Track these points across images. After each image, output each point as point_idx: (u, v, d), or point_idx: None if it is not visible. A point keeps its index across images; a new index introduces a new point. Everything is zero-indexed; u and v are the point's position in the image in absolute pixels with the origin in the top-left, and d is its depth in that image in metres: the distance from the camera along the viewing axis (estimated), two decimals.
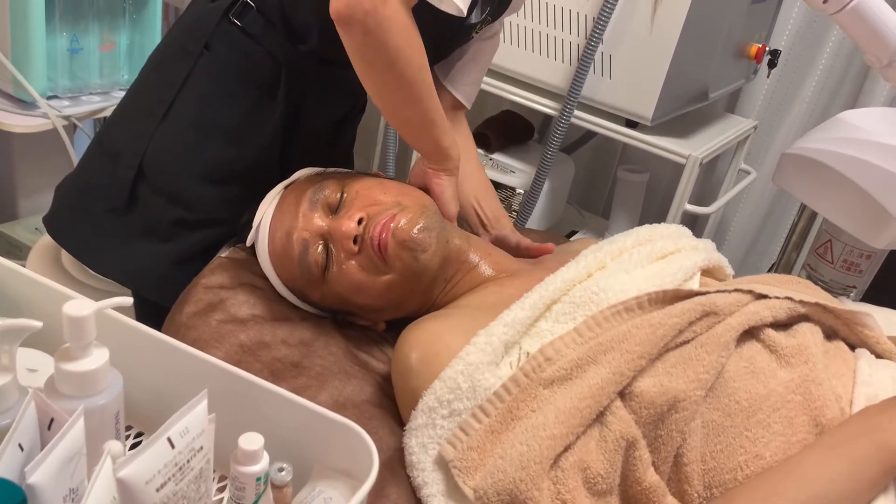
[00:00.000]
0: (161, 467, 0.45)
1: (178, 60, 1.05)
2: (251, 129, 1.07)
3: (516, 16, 1.56)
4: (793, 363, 0.82)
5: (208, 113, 1.05)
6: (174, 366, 0.64)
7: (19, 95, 1.44)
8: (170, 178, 1.05)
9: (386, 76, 0.91)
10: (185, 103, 1.05)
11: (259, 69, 1.05)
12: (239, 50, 1.05)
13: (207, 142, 1.05)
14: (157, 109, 1.04)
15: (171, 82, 1.05)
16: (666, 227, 1.03)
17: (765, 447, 0.77)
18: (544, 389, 0.80)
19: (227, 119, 1.06)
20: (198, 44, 1.05)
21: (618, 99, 1.53)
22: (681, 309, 0.82)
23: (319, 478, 0.62)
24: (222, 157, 1.06)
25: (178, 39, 1.08)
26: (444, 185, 1.03)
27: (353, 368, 0.96)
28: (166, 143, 1.04)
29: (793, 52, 1.82)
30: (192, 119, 1.05)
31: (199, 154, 1.05)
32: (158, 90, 1.06)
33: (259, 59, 1.05)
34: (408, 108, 0.96)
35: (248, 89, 1.06)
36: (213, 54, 1.05)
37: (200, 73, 1.05)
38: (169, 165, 1.05)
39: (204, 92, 1.05)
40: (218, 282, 1.03)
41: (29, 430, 0.46)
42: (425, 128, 0.99)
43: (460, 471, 0.78)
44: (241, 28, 1.04)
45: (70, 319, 0.51)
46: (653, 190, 1.92)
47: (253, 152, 1.08)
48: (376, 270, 0.93)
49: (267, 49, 1.05)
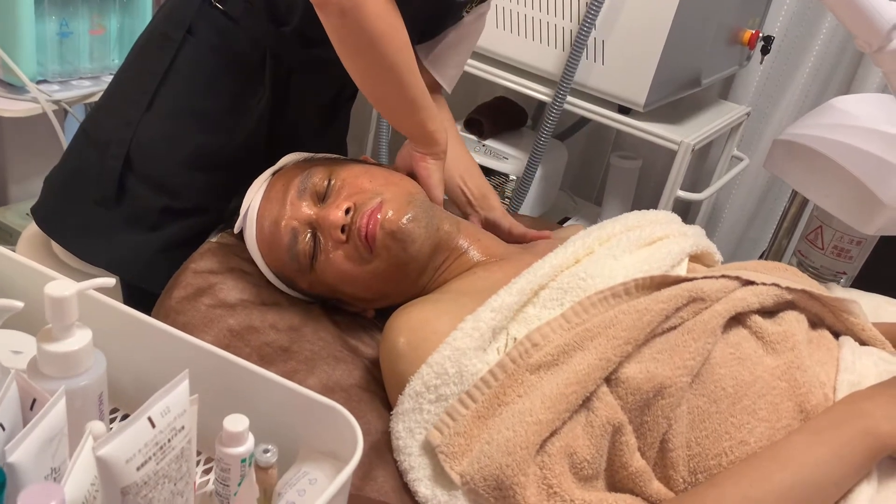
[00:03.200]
0: (141, 446, 0.45)
1: (161, 48, 1.05)
2: (237, 115, 1.07)
3: (509, 1, 1.56)
4: (778, 350, 0.82)
5: (193, 100, 1.05)
6: (159, 348, 0.64)
7: (8, 80, 1.43)
8: (157, 167, 1.05)
9: (366, 58, 0.91)
10: (170, 91, 1.04)
11: (242, 53, 1.05)
12: (221, 34, 1.04)
13: (193, 129, 1.05)
14: (141, 98, 1.04)
15: (154, 70, 1.04)
16: (655, 213, 1.03)
17: (749, 433, 0.78)
18: (531, 375, 0.80)
19: (212, 105, 1.05)
20: (179, 30, 1.04)
21: (610, 85, 1.52)
22: (668, 295, 0.82)
23: (305, 459, 0.62)
24: (208, 143, 1.06)
25: (160, 26, 1.07)
26: (430, 170, 1.03)
27: (343, 353, 0.96)
28: (152, 131, 1.04)
29: (786, 39, 1.82)
30: (176, 106, 1.04)
31: (185, 141, 1.05)
32: (142, 78, 1.05)
33: (242, 43, 1.04)
34: (391, 91, 0.95)
35: (232, 74, 1.05)
36: (195, 40, 1.04)
37: (183, 59, 1.04)
38: (155, 154, 1.04)
39: (188, 78, 1.04)
40: (207, 266, 1.03)
41: (10, 410, 0.46)
42: (410, 111, 0.98)
43: (447, 456, 0.79)
44: (223, 12, 1.03)
45: (51, 300, 0.51)
46: (646, 176, 1.92)
47: (239, 138, 1.07)
48: (363, 260, 0.93)
49: (249, 32, 1.04)
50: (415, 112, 0.98)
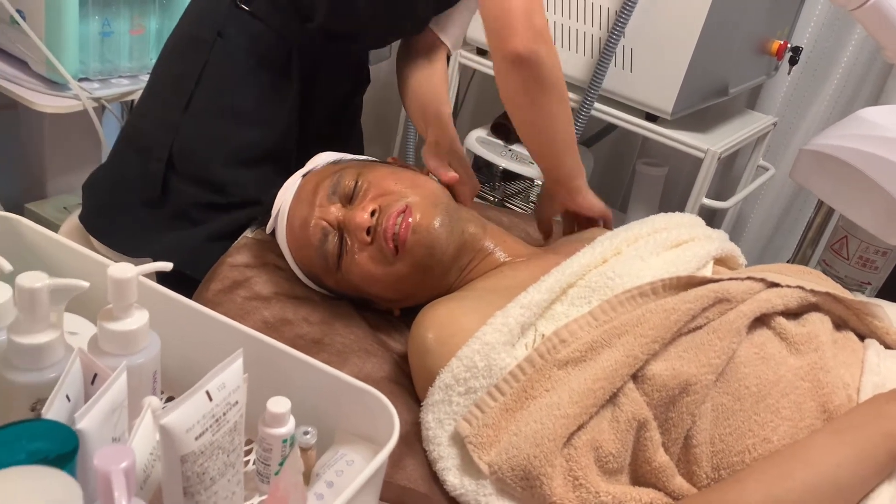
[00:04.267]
0: (200, 417, 0.48)
1: (193, 50, 1.09)
2: (271, 110, 1.10)
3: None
4: (802, 350, 0.84)
5: (228, 98, 1.08)
6: (205, 333, 0.67)
7: (51, 77, 1.47)
8: (199, 166, 1.08)
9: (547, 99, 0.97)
10: (205, 92, 1.08)
11: (271, 51, 1.09)
12: (250, 34, 1.08)
13: (231, 127, 1.08)
14: (178, 101, 1.08)
15: (188, 73, 1.08)
16: (681, 216, 1.04)
17: (773, 431, 0.79)
18: (558, 370, 0.82)
19: (246, 102, 1.09)
20: (211, 32, 1.08)
21: (638, 92, 1.54)
22: (694, 295, 0.84)
23: (342, 442, 0.64)
24: (247, 139, 1.09)
25: (190, 30, 1.11)
26: (593, 197, 1.13)
27: (373, 347, 0.98)
28: (192, 132, 1.08)
29: (815, 50, 1.83)
30: (213, 106, 1.08)
31: (224, 140, 1.08)
32: (177, 82, 1.09)
33: (270, 41, 1.08)
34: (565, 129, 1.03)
35: (263, 71, 1.09)
36: (225, 41, 1.08)
37: (216, 60, 1.08)
38: (197, 154, 1.08)
39: (221, 79, 1.08)
40: (243, 261, 1.06)
41: (75, 383, 0.49)
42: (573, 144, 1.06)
43: (475, 446, 0.81)
44: (250, 13, 1.07)
45: (114, 281, 0.54)
46: (671, 184, 1.93)
47: (275, 131, 1.11)
48: (387, 262, 0.95)
49: (276, 30, 1.08)
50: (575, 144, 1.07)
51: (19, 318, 0.52)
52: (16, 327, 0.52)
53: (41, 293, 0.51)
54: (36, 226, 0.74)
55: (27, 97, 1.45)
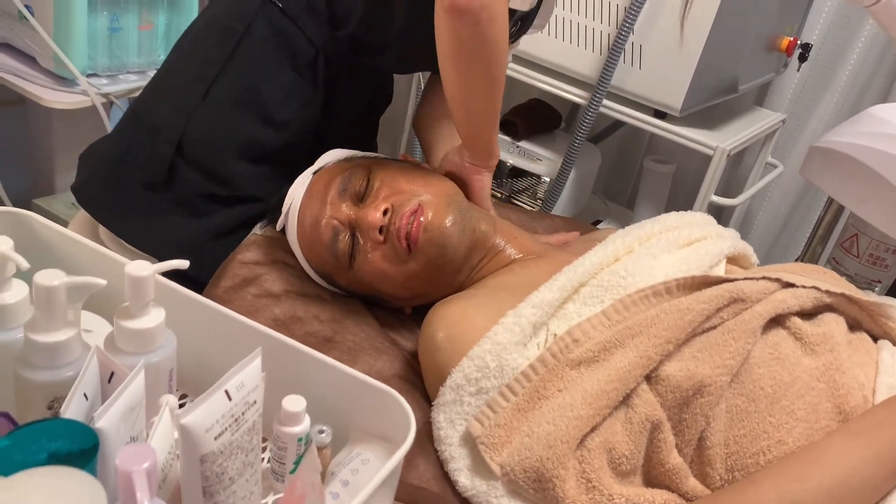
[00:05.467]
0: (219, 417, 0.47)
1: (221, 39, 1.07)
2: (289, 110, 1.09)
3: None
4: (818, 351, 0.83)
5: (249, 92, 1.07)
6: (219, 331, 0.67)
7: (60, 73, 1.46)
8: (209, 155, 1.07)
9: (476, 67, 0.93)
10: (226, 82, 1.07)
11: (298, 52, 1.08)
12: (279, 31, 1.07)
13: (247, 120, 1.08)
14: (198, 87, 1.06)
15: (213, 60, 1.07)
16: (692, 214, 1.04)
17: (788, 433, 0.79)
18: (571, 370, 0.82)
19: (267, 99, 1.08)
20: (241, 23, 1.06)
21: (647, 89, 1.53)
22: (709, 295, 0.83)
23: (357, 441, 0.64)
24: (260, 136, 1.09)
25: (221, 18, 1.09)
26: (484, 181, 1.07)
27: (384, 345, 0.98)
28: (207, 120, 1.07)
29: (824, 47, 1.82)
30: (232, 98, 1.07)
31: (238, 132, 1.08)
32: (200, 67, 1.08)
33: (297, 42, 1.07)
34: (483, 102, 0.98)
35: (287, 71, 1.08)
36: (254, 34, 1.07)
37: (242, 53, 1.07)
38: (209, 142, 1.07)
39: (245, 72, 1.07)
40: (253, 258, 1.05)
41: (92, 381, 0.48)
42: (487, 125, 1.02)
43: (487, 447, 0.81)
44: (283, 10, 1.06)
45: (131, 279, 0.54)
46: (679, 181, 1.92)
47: (289, 133, 1.10)
48: (400, 260, 0.95)
49: (305, 32, 1.07)
50: (490, 126, 1.02)
51: (36, 316, 0.52)
52: (33, 325, 0.52)
53: (58, 291, 0.51)
54: (48, 222, 0.74)
55: (35, 93, 1.44)
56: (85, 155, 1.16)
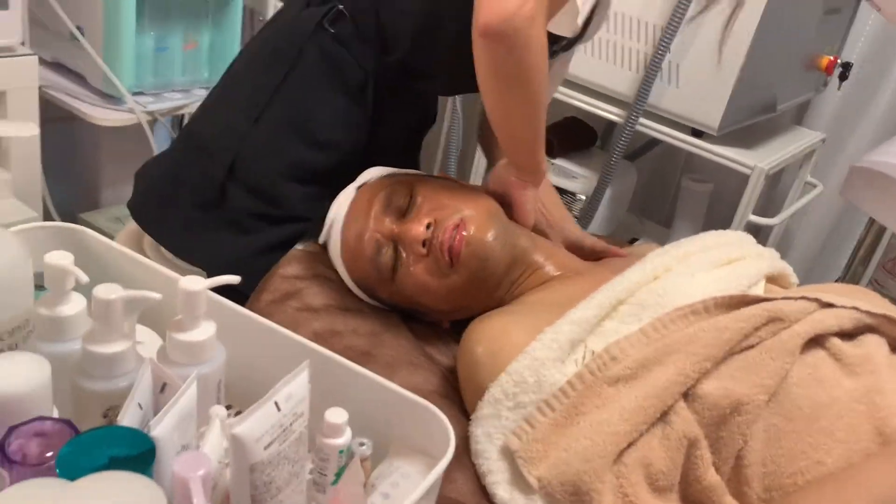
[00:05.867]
0: (268, 427, 0.49)
1: (274, 63, 1.10)
2: (339, 133, 1.12)
3: None
4: (858, 372, 0.82)
5: (300, 116, 1.10)
6: (264, 344, 0.69)
7: (108, 91, 1.51)
8: (259, 176, 1.10)
9: (514, 92, 0.94)
10: (279, 105, 1.09)
11: (348, 76, 1.10)
12: (330, 56, 1.09)
13: (298, 143, 1.10)
14: (251, 109, 1.09)
15: (266, 84, 1.09)
16: (731, 233, 1.04)
17: (827, 454, 0.78)
18: (609, 387, 0.82)
19: (317, 123, 1.10)
20: (294, 49, 1.09)
21: (684, 108, 1.54)
22: (747, 314, 0.83)
23: (397, 454, 0.65)
24: (310, 158, 1.11)
25: (274, 43, 1.12)
26: (528, 196, 1.07)
27: (421, 360, 0.99)
28: (259, 142, 1.09)
29: (864, 66, 1.80)
30: (284, 121, 1.09)
31: (289, 154, 1.10)
32: (253, 91, 1.11)
33: (348, 67, 1.09)
34: (524, 124, 0.99)
35: (338, 95, 1.10)
36: (306, 59, 1.09)
37: (295, 77, 1.09)
38: (259, 164, 1.10)
39: (297, 96, 1.10)
40: (294, 272, 1.07)
41: (146, 391, 0.50)
42: (531, 144, 1.03)
43: (525, 461, 0.81)
44: (334, 35, 1.08)
45: (185, 293, 0.56)
46: (716, 200, 1.91)
47: (339, 155, 1.12)
48: (442, 274, 0.97)
49: (355, 57, 1.09)
50: (535, 145, 1.03)
51: (95, 328, 0.54)
52: (91, 337, 0.54)
53: (116, 304, 0.53)
54: (100, 236, 0.76)
55: (84, 110, 1.49)
56: (141, 173, 1.20)
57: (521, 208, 1.07)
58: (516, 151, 1.05)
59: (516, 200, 1.07)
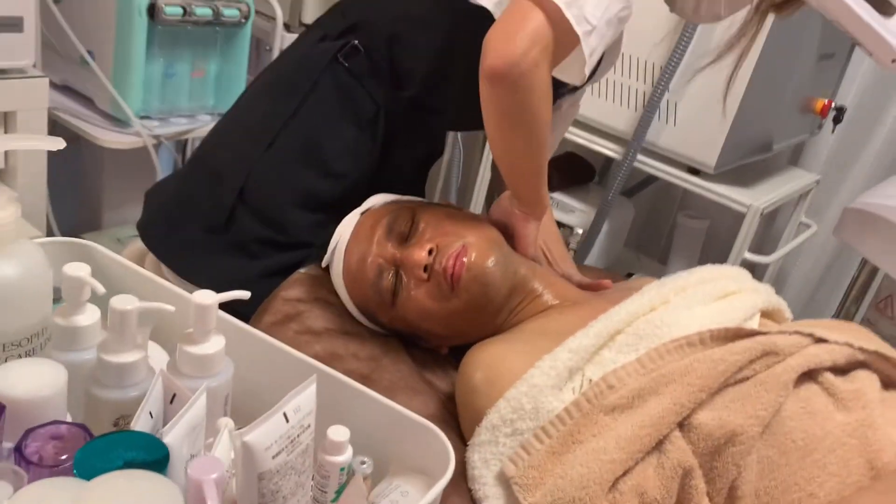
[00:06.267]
0: (277, 437, 0.50)
1: (288, 93, 1.12)
2: (348, 164, 1.14)
3: None
4: (850, 407, 0.84)
5: (311, 145, 1.12)
6: (267, 362, 0.70)
7: (115, 114, 1.53)
8: (268, 203, 1.11)
9: (518, 131, 0.97)
10: (291, 134, 1.11)
11: (360, 109, 1.12)
12: (343, 89, 1.11)
13: (307, 172, 1.12)
14: (263, 137, 1.11)
15: (279, 113, 1.12)
16: (728, 268, 1.06)
17: (819, 487, 0.79)
18: (605, 416, 0.83)
19: (328, 153, 1.12)
20: (308, 80, 1.11)
21: (681, 146, 1.57)
22: (742, 347, 0.85)
23: (396, 473, 0.66)
24: (319, 187, 1.13)
25: (288, 73, 1.15)
26: (530, 229, 1.10)
27: (420, 385, 1.00)
28: (269, 169, 1.11)
29: (859, 109, 1.84)
30: (295, 149, 1.11)
31: (298, 182, 1.12)
32: (266, 119, 1.13)
33: (360, 100, 1.12)
34: (527, 162, 1.03)
35: (349, 127, 1.13)
36: (319, 91, 1.12)
37: (308, 108, 1.11)
38: (269, 190, 1.11)
39: (309, 126, 1.12)
40: (296, 295, 1.09)
41: (157, 401, 0.51)
42: (534, 179, 1.06)
43: (521, 487, 0.82)
44: (348, 69, 1.11)
45: (198, 307, 0.57)
46: (712, 237, 1.94)
47: (346, 184, 1.14)
48: (443, 298, 0.98)
49: (368, 91, 1.12)
50: (538, 180, 1.06)
51: (109, 338, 0.55)
52: (105, 346, 0.55)
53: (131, 315, 0.54)
54: (110, 252, 0.78)
55: (91, 132, 1.51)
56: (151, 193, 1.21)
57: (523, 240, 1.09)
58: (519, 185, 1.08)
59: (519, 232, 1.10)
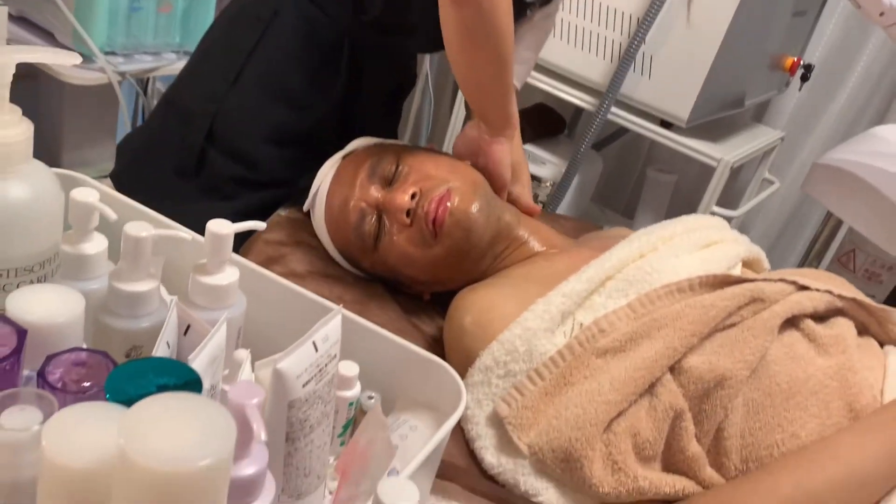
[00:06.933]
0: (307, 366, 0.49)
1: (249, 26, 1.10)
2: (315, 95, 1.11)
3: (562, 10, 1.60)
4: (830, 352, 0.87)
5: (276, 78, 1.09)
6: (271, 298, 0.68)
7: (78, 49, 1.46)
8: (237, 139, 1.09)
9: (484, 52, 0.96)
10: (255, 68, 1.09)
11: (323, 37, 1.10)
12: (305, 17, 1.09)
13: (274, 105, 1.10)
14: (228, 73, 1.08)
15: (242, 47, 1.09)
16: (710, 218, 1.08)
17: (801, 427, 0.82)
18: (597, 358, 0.84)
19: (294, 84, 1.10)
20: (268, 10, 1.09)
21: (655, 99, 1.57)
22: (731, 293, 0.87)
23: (404, 409, 0.66)
24: (287, 120, 1.10)
25: (249, 6, 1.12)
26: (504, 151, 1.08)
27: (406, 328, 1.00)
28: (236, 105, 1.09)
29: (824, 68, 1.87)
30: (260, 83, 1.09)
31: (265, 117, 1.10)
32: (230, 54, 1.10)
33: (323, 27, 1.09)
34: (493, 81, 1.01)
35: (313, 56, 1.10)
36: (281, 21, 1.09)
37: (270, 39, 1.09)
38: (237, 127, 1.09)
39: (272, 57, 1.09)
40: (277, 238, 1.07)
41: (173, 332, 0.50)
42: (502, 97, 1.04)
43: (515, 427, 0.83)
44: None
45: (213, 236, 0.55)
46: (677, 191, 1.97)
47: (315, 117, 1.12)
48: (425, 244, 0.97)
49: (331, 17, 1.09)
50: (505, 98, 1.04)
51: (122, 266, 0.53)
52: (118, 274, 0.53)
53: (146, 242, 0.52)
54: (100, 184, 0.75)
55: (54, 67, 1.44)
56: (122, 143, 1.18)
57: (497, 165, 1.07)
58: (486, 105, 1.06)
59: (492, 157, 1.08)
